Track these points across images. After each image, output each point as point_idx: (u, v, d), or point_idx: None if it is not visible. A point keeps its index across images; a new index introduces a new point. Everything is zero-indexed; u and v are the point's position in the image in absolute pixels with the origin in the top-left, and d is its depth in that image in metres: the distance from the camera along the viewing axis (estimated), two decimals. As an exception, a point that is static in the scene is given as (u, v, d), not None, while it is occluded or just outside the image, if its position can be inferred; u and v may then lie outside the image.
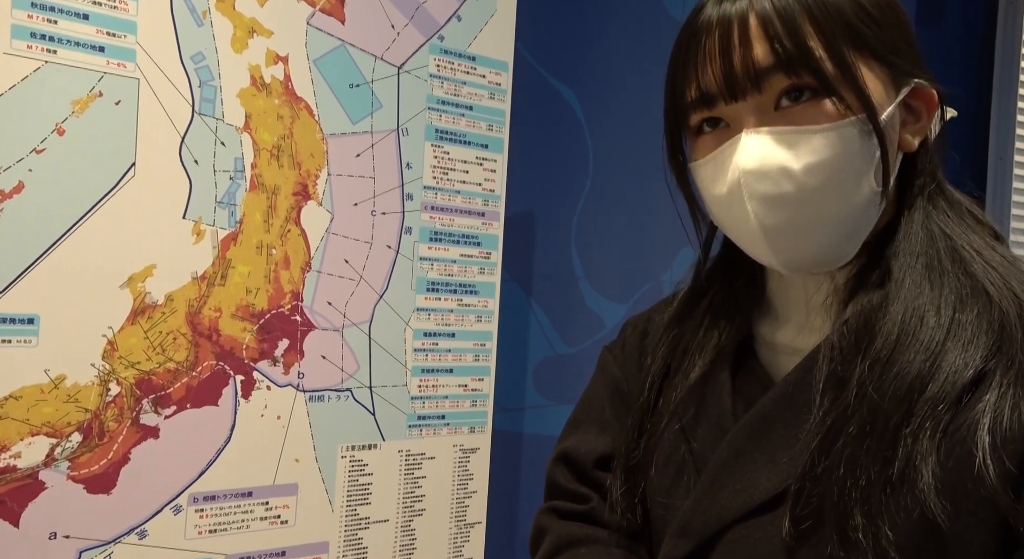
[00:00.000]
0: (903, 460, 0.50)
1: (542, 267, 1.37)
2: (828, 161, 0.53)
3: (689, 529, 0.59)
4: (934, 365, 0.52)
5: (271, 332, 0.95)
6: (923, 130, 0.59)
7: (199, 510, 0.90)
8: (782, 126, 0.54)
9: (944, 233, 0.58)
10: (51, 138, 0.80)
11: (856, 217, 0.56)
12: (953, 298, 0.54)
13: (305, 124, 0.96)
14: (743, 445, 0.58)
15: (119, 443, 0.85)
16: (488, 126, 1.12)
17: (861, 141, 0.54)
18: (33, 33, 0.78)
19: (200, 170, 0.89)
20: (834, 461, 0.52)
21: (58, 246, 0.81)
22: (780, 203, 0.54)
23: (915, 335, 0.53)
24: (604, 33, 1.39)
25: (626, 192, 1.44)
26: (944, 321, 0.53)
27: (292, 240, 0.96)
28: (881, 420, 0.51)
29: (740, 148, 0.55)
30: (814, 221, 0.55)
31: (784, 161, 0.54)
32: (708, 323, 0.65)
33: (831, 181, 0.54)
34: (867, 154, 0.54)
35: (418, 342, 1.07)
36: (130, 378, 0.85)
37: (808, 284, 0.61)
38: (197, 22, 0.88)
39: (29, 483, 0.80)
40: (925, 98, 0.58)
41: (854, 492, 0.50)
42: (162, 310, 0.87)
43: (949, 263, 0.56)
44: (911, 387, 0.52)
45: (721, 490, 0.58)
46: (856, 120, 0.53)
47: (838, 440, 0.52)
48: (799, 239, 0.56)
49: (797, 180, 0.54)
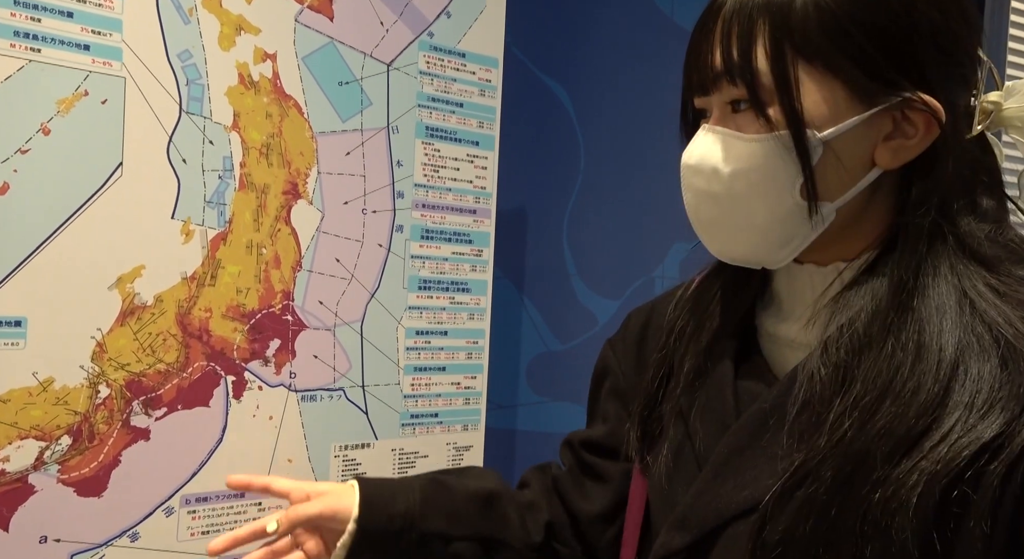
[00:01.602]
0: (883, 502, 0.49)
1: (534, 264, 1.36)
2: (749, 170, 0.55)
3: (688, 522, 0.59)
4: (931, 422, 0.50)
5: (262, 332, 0.94)
6: (912, 150, 0.55)
7: (191, 512, 0.90)
8: (725, 128, 0.57)
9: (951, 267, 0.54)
10: (36, 138, 0.79)
11: (785, 227, 0.56)
12: (957, 340, 0.52)
13: (294, 122, 0.95)
14: (745, 441, 0.58)
15: (109, 445, 0.84)
16: (479, 123, 1.11)
17: (783, 156, 0.54)
18: (16, 31, 0.77)
19: (188, 169, 0.88)
20: (805, 505, 0.51)
21: (45, 247, 0.80)
22: (709, 200, 0.58)
23: (904, 381, 0.51)
24: (594, 29, 1.39)
25: (618, 188, 1.43)
26: (945, 367, 0.51)
27: (282, 239, 0.95)
28: (861, 472, 0.50)
29: (694, 142, 0.59)
30: (739, 223, 0.57)
31: (717, 162, 0.57)
32: (715, 311, 0.66)
33: (751, 190, 0.56)
34: (792, 169, 0.54)
35: (410, 340, 1.06)
36: (120, 380, 0.84)
37: (815, 278, 0.60)
38: (184, 19, 0.87)
39: (18, 487, 0.79)
40: (921, 111, 0.54)
41: (827, 525, 0.50)
42: (152, 311, 0.86)
43: (955, 302, 0.53)
44: (898, 445, 0.50)
45: (722, 485, 0.58)
46: (780, 135, 0.54)
47: (806, 483, 0.52)
48: (726, 237, 0.59)
49: (724, 182, 0.57)
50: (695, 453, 0.62)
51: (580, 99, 1.38)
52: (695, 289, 0.70)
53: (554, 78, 1.36)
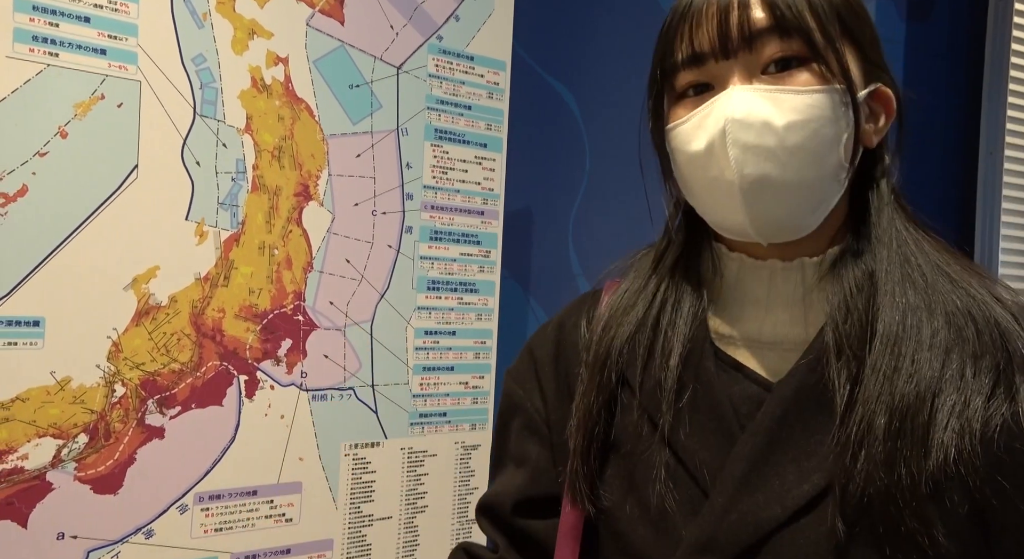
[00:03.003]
0: (943, 455, 0.51)
1: (540, 264, 1.38)
2: (808, 121, 0.56)
3: (715, 543, 0.55)
4: (943, 365, 0.54)
5: (274, 332, 0.95)
6: (881, 132, 0.60)
7: (204, 509, 0.91)
8: (765, 85, 0.57)
9: (915, 240, 0.59)
10: (54, 141, 0.80)
11: (824, 186, 0.58)
12: (941, 300, 0.57)
13: (305, 125, 0.97)
14: (764, 449, 0.56)
15: (125, 444, 0.85)
16: (487, 125, 1.12)
17: (838, 110, 0.56)
18: (35, 36, 0.79)
19: (202, 172, 0.90)
20: (872, 460, 0.52)
21: (62, 249, 0.81)
22: (761, 154, 0.56)
23: (913, 331, 0.55)
24: (600, 31, 1.40)
25: (622, 189, 1.45)
26: (938, 325, 0.55)
27: (294, 240, 0.96)
28: (909, 418, 0.53)
29: (730, 99, 0.57)
30: (790, 180, 0.56)
31: (768, 116, 0.56)
32: (674, 320, 0.62)
33: (809, 142, 0.56)
34: (842, 123, 0.56)
35: (419, 340, 1.07)
36: (135, 379, 0.86)
37: (776, 275, 0.60)
38: (198, 24, 0.88)
39: (36, 484, 0.80)
40: (884, 101, 0.60)
41: (897, 491, 0.52)
42: (166, 311, 0.88)
43: (930, 271, 0.58)
44: (928, 384, 0.53)
45: (751, 498, 0.55)
46: (837, 89, 0.56)
47: (870, 435, 0.53)
48: (774, 197, 0.57)
49: (778, 135, 0.56)
50: (689, 471, 0.58)
51: (586, 101, 1.40)
52: (620, 303, 0.65)
53: (560, 81, 1.37)
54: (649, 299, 0.64)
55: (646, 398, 0.60)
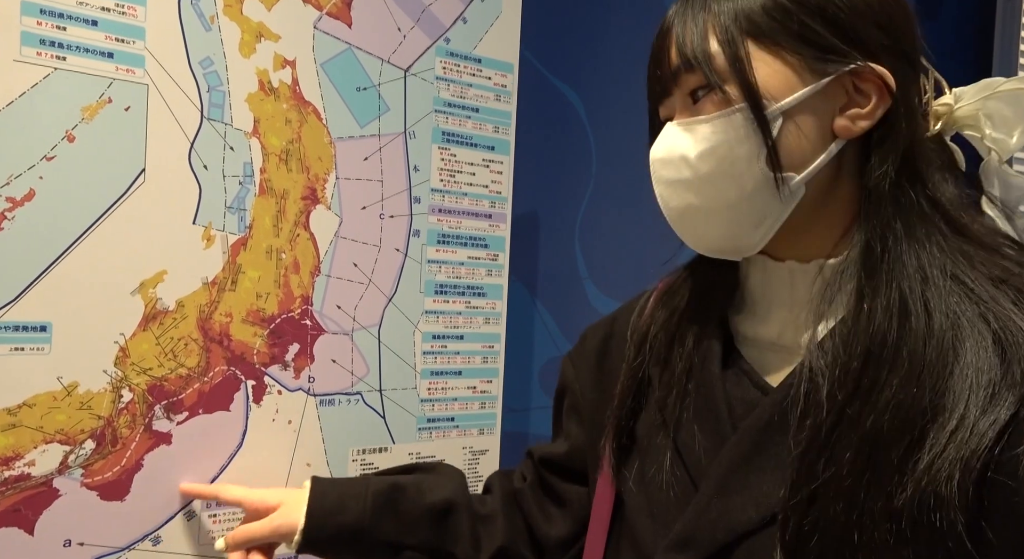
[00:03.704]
0: (917, 498, 0.47)
1: (546, 268, 1.37)
2: (716, 147, 0.57)
3: (692, 541, 0.57)
4: (942, 393, 0.49)
5: (281, 336, 0.95)
6: (869, 116, 0.57)
7: (212, 515, 0.90)
8: (688, 117, 0.59)
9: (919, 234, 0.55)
10: (61, 145, 0.80)
11: (755, 203, 0.57)
12: (951, 313, 0.52)
13: (313, 128, 0.96)
14: (749, 452, 0.56)
15: (132, 449, 0.85)
16: (494, 128, 1.12)
17: (746, 128, 0.56)
18: (42, 40, 0.78)
19: (209, 175, 0.89)
20: (830, 491, 0.50)
21: (69, 253, 0.81)
22: (679, 187, 0.59)
23: (902, 353, 0.51)
24: (606, 34, 1.40)
25: (629, 192, 1.44)
26: (945, 341, 0.51)
27: (301, 244, 0.96)
28: (881, 451, 0.49)
29: (659, 139, 0.61)
30: (710, 205, 0.58)
31: (684, 149, 0.58)
32: (691, 318, 0.64)
33: (719, 167, 0.57)
34: (754, 140, 0.56)
35: (427, 345, 1.07)
36: (142, 384, 0.85)
37: (795, 277, 0.60)
38: (205, 27, 0.88)
39: (43, 491, 0.80)
40: (873, 81, 0.57)
41: (856, 530, 0.49)
42: (173, 316, 0.87)
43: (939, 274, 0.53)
44: (911, 417, 0.49)
45: (729, 500, 0.56)
46: (738, 109, 0.56)
47: (827, 467, 0.50)
48: (701, 222, 0.60)
49: (692, 166, 0.58)
50: (686, 468, 0.60)
51: (592, 104, 1.39)
52: (663, 297, 0.68)
53: (566, 83, 1.36)
54: (680, 297, 0.66)
55: (660, 392, 0.64)
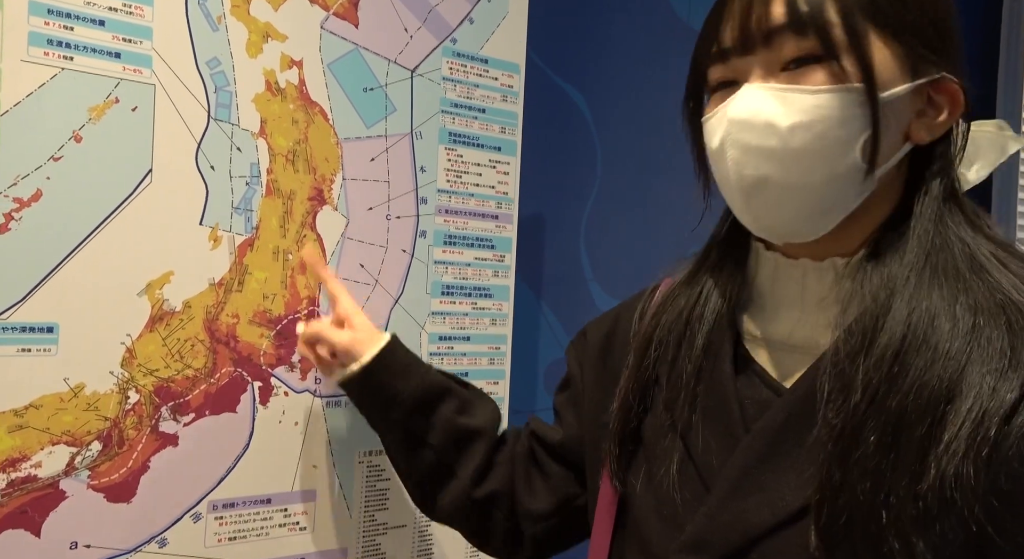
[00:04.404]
0: (939, 478, 0.48)
1: (551, 269, 1.36)
2: (814, 123, 0.53)
3: (706, 543, 0.56)
4: (958, 377, 0.50)
5: (288, 338, 0.94)
6: (941, 127, 0.57)
7: (218, 517, 0.90)
8: (782, 83, 0.55)
9: (961, 239, 0.56)
10: (68, 145, 0.79)
11: (835, 189, 0.55)
12: (972, 304, 0.52)
13: (320, 128, 0.96)
14: (763, 453, 0.56)
15: (139, 451, 0.84)
16: (501, 128, 1.11)
17: (853, 110, 0.53)
18: (50, 40, 0.78)
19: (216, 176, 0.89)
20: (856, 473, 0.50)
21: (76, 254, 0.80)
22: (760, 156, 0.55)
23: (926, 339, 0.51)
24: (611, 35, 1.39)
25: (634, 193, 1.44)
26: (962, 328, 0.51)
27: (308, 245, 0.95)
28: (904, 431, 0.49)
29: (736, 99, 0.56)
30: (793, 182, 0.55)
31: (773, 116, 0.54)
32: (702, 316, 0.63)
33: (814, 144, 0.53)
34: (857, 125, 0.53)
35: (433, 346, 1.06)
36: (149, 386, 0.85)
37: (808, 275, 0.59)
38: (212, 27, 0.88)
39: (50, 492, 0.79)
40: (950, 94, 0.57)
41: (883, 510, 0.49)
42: (180, 317, 0.87)
43: (967, 269, 0.54)
44: (933, 397, 0.49)
45: (743, 502, 0.55)
46: (852, 88, 0.53)
47: (855, 449, 0.50)
48: (776, 199, 0.56)
49: (782, 136, 0.54)
50: (697, 469, 0.59)
51: (597, 104, 1.39)
52: (668, 296, 0.67)
53: (571, 83, 1.36)
54: (688, 295, 0.65)
55: (668, 393, 0.62)
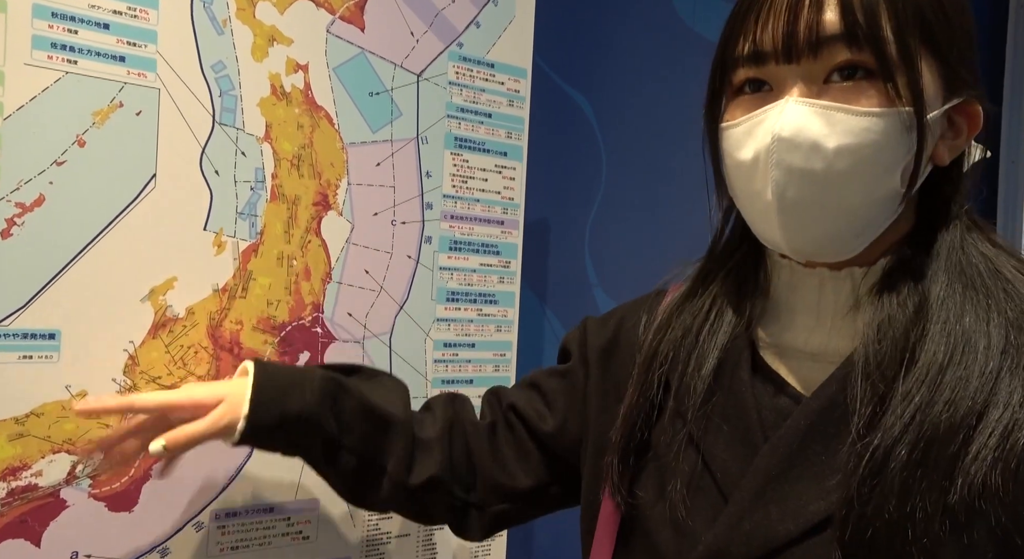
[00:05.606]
0: (967, 487, 0.48)
1: (556, 275, 1.36)
2: (862, 147, 0.51)
3: (725, 555, 0.55)
4: (991, 393, 0.50)
5: (292, 344, 0.93)
6: (959, 148, 0.57)
7: (221, 527, 0.89)
8: (829, 101, 0.52)
9: (983, 254, 0.56)
10: (72, 150, 0.79)
11: (872, 212, 0.54)
12: (1003, 321, 0.52)
13: (325, 133, 0.95)
14: (785, 461, 0.55)
15: (140, 460, 0.83)
16: (507, 133, 1.11)
17: (900, 135, 0.51)
18: (54, 43, 0.77)
19: (221, 181, 0.88)
20: (885, 488, 0.49)
21: (79, 260, 0.79)
22: (805, 179, 0.52)
23: (963, 360, 0.51)
24: (616, 40, 1.39)
25: (639, 199, 1.43)
26: (996, 346, 0.51)
27: (313, 251, 0.94)
28: (936, 448, 0.49)
29: (781, 113, 0.52)
30: (831, 205, 0.53)
31: (819, 137, 0.51)
32: (717, 326, 0.62)
33: (859, 167, 0.52)
34: (902, 149, 0.52)
35: (438, 352, 1.05)
36: (151, 393, 0.84)
37: (825, 283, 0.58)
38: (217, 30, 0.87)
39: (51, 501, 0.78)
40: (970, 115, 0.56)
41: (909, 525, 0.48)
42: (183, 323, 0.86)
43: (993, 284, 0.54)
44: (966, 415, 0.49)
45: (764, 512, 0.55)
46: (902, 112, 0.51)
47: (887, 464, 0.50)
48: (812, 220, 0.54)
49: (827, 159, 0.52)
50: (713, 478, 0.58)
51: (602, 110, 1.38)
52: (672, 311, 0.65)
53: (576, 89, 1.35)
54: (698, 304, 0.63)
55: (680, 402, 0.61)
